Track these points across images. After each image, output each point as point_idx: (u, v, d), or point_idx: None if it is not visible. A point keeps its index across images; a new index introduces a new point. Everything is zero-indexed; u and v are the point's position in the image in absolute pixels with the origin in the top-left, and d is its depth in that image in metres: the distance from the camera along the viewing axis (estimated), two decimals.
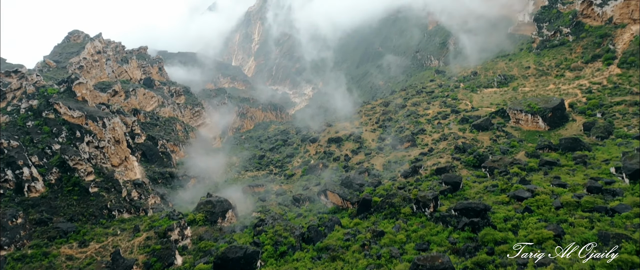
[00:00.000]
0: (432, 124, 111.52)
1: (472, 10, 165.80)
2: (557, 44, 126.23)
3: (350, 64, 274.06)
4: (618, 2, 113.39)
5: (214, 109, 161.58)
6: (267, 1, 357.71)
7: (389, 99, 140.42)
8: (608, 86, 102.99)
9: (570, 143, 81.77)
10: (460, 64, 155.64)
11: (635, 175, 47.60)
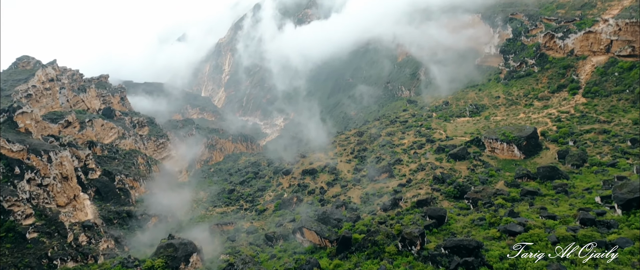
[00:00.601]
0: (409, 153, 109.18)
1: (440, 42, 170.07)
2: (524, 74, 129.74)
3: (322, 94, 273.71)
4: (578, 35, 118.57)
5: (181, 140, 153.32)
6: (238, 33, 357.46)
7: (363, 129, 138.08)
8: (576, 115, 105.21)
9: (548, 172, 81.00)
10: (432, 94, 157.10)
11: (627, 206, 45.50)
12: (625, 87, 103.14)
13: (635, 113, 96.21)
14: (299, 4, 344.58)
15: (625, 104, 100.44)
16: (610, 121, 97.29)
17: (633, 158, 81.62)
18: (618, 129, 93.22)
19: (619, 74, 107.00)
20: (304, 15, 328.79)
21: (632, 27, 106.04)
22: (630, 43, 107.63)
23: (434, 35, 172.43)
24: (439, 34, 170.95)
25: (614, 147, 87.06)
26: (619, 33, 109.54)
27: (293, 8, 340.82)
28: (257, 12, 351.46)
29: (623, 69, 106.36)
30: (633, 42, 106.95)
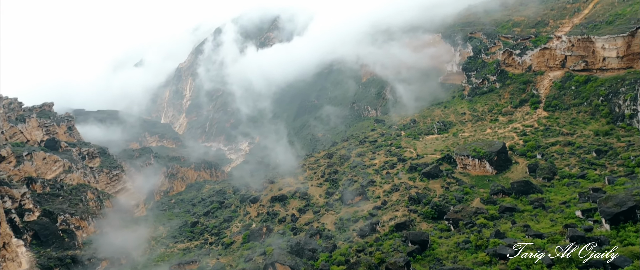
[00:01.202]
0: (381, 174, 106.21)
1: (403, 61, 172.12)
2: (486, 90, 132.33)
3: (288, 116, 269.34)
4: (534, 51, 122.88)
5: (138, 171, 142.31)
6: (199, 57, 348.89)
7: (332, 151, 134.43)
8: (540, 128, 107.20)
9: (522, 186, 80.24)
10: (398, 113, 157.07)
11: (615, 220, 43.72)
12: (583, 99, 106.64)
13: (595, 124, 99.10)
14: (261, 27, 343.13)
15: (584, 116, 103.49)
16: (572, 133, 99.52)
17: (600, 169, 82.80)
18: (581, 141, 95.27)
19: (575, 87, 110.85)
20: (266, 38, 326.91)
21: (584, 43, 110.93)
22: (583, 58, 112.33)
23: (397, 54, 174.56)
24: (401, 53, 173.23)
25: (581, 159, 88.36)
26: (572, 49, 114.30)
27: (255, 32, 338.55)
28: (217, 36, 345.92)
29: (579, 83, 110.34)
30: (586, 57, 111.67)
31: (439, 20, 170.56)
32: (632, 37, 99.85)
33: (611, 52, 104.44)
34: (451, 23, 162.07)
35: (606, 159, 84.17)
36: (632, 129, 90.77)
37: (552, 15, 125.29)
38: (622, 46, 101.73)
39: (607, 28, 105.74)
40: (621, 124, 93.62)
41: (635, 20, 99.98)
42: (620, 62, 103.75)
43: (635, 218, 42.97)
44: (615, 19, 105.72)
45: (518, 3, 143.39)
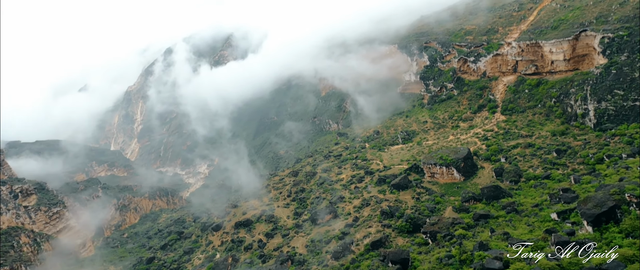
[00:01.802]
0: (349, 189, 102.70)
1: (361, 73, 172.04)
2: (445, 98, 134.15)
3: (248, 135, 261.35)
4: (488, 58, 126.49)
5: (83, 205, 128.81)
6: (149, 78, 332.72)
7: (297, 168, 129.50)
8: (500, 132, 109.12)
9: (492, 191, 79.92)
10: (361, 125, 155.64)
11: (597, 222, 42.45)
12: (536, 102, 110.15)
13: (551, 125, 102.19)
14: (214, 46, 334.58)
15: (540, 118, 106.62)
16: (531, 135, 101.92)
17: (562, 168, 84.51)
18: (540, 142, 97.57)
19: (528, 90, 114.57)
20: (220, 56, 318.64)
21: (533, 48, 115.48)
22: (533, 62, 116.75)
23: (355, 66, 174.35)
24: (359, 65, 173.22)
25: (542, 160, 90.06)
26: (522, 54, 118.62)
27: (207, 50, 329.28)
28: (168, 56, 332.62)
29: (531, 86, 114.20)
30: (535, 61, 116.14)
31: (393, 32, 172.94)
32: (576, 40, 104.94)
33: (558, 56, 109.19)
34: (405, 34, 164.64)
35: (566, 158, 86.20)
36: (585, 127, 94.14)
37: (500, 23, 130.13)
38: (568, 49, 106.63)
39: (553, 33, 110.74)
40: (575, 124, 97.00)
41: (577, 24, 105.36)
42: (567, 65, 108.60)
43: (616, 218, 42.02)
44: (559, 24, 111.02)
45: (468, 12, 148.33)
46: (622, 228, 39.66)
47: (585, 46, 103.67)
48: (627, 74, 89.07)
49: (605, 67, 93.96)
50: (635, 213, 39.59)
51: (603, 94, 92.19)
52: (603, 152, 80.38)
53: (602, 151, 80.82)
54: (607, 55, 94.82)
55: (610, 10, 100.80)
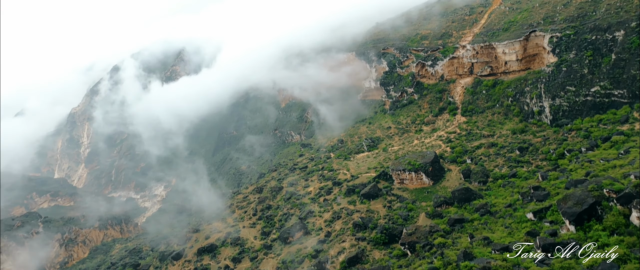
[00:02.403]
0: (318, 202, 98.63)
1: (321, 82, 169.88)
2: (406, 103, 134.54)
3: (207, 152, 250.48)
4: (444, 61, 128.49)
5: (20, 244, 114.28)
6: (94, 99, 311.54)
7: (261, 184, 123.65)
8: (462, 134, 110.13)
9: (462, 194, 79.10)
10: (324, 134, 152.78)
11: (580, 220, 41.33)
12: (494, 102, 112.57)
13: (510, 124, 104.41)
14: (165, 62, 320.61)
15: (499, 117, 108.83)
16: (493, 134, 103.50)
17: (526, 165, 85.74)
18: (502, 141, 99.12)
19: (486, 91, 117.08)
20: (172, 72, 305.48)
21: (487, 50, 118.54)
22: (487, 63, 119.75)
23: (314, 76, 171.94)
24: (318, 74, 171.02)
25: (507, 158, 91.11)
26: (477, 56, 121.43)
27: (158, 66, 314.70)
28: (115, 74, 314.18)
29: (488, 87, 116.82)
30: (490, 63, 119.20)
31: (350, 40, 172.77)
32: (526, 41, 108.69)
33: (511, 56, 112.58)
34: (362, 41, 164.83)
35: (529, 156, 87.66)
36: (542, 124, 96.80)
37: (454, 27, 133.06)
38: (520, 50, 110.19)
39: (505, 34, 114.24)
40: (532, 121, 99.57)
41: (527, 25, 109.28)
42: (520, 65, 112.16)
43: (597, 215, 41.15)
44: (509, 26, 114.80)
45: (421, 18, 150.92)
46: (606, 225, 38.77)
47: (535, 46, 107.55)
48: (577, 71, 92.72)
49: (556, 65, 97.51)
50: (616, 209, 38.83)
51: (556, 90, 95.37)
52: (563, 147, 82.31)
53: (562, 146, 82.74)
54: (557, 53, 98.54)
55: (555, 11, 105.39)
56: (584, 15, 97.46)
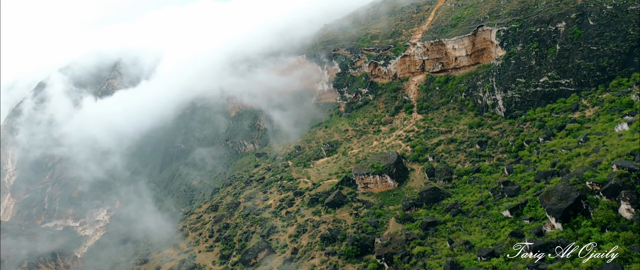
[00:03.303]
0: (280, 216, 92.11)
1: (271, 87, 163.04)
2: (361, 104, 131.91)
3: (152, 169, 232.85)
4: (396, 60, 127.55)
5: None
6: (16, 120, 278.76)
7: (215, 200, 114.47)
8: (420, 131, 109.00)
9: (430, 194, 76.77)
10: (279, 142, 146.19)
11: (566, 216, 39.03)
12: (448, 98, 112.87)
13: (465, 118, 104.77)
14: (98, 75, 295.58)
15: (454, 113, 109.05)
16: (450, 130, 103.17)
17: (488, 159, 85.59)
18: (460, 136, 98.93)
19: (439, 88, 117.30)
20: (108, 86, 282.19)
21: (437, 46, 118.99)
22: (438, 60, 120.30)
23: (264, 81, 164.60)
24: (268, 79, 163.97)
25: (467, 153, 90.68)
26: (427, 53, 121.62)
27: (91, 80, 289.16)
28: (40, 91, 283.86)
29: (441, 83, 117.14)
30: (441, 59, 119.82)
31: (298, 43, 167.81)
32: (474, 36, 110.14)
33: (461, 52, 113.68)
34: (311, 44, 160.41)
35: (489, 149, 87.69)
36: (497, 116, 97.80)
37: (403, 26, 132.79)
38: (469, 45, 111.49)
39: (453, 30, 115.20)
40: (487, 114, 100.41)
41: (474, 21, 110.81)
42: (469, 60, 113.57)
43: (583, 210, 39.14)
44: (457, 22, 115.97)
45: (369, 18, 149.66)
46: (595, 220, 36.77)
47: (483, 40, 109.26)
48: (525, 63, 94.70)
49: (505, 58, 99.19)
50: (603, 202, 36.95)
51: (507, 83, 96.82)
52: (521, 138, 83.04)
53: (519, 137, 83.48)
54: (504, 46, 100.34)
55: (500, 6, 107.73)
56: (527, 9, 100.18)
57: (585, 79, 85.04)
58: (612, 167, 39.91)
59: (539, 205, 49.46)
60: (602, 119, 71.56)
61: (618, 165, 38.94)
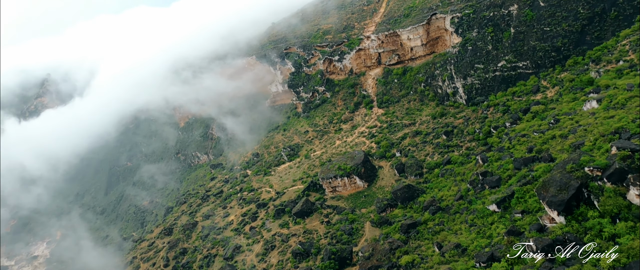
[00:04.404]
0: (244, 233, 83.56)
1: (221, 93, 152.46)
2: (319, 102, 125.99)
3: (97, 192, 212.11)
4: (351, 54, 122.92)
5: None
6: None
7: (169, 222, 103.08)
8: (383, 126, 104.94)
9: (405, 193, 72.08)
10: (235, 150, 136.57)
11: (569, 208, 34.97)
12: (408, 89, 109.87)
13: (427, 109, 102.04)
14: (23, 95, 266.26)
15: (416, 104, 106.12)
16: (414, 122, 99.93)
17: (457, 149, 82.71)
18: (425, 127, 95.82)
19: (397, 80, 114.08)
20: (37, 105, 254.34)
21: (391, 38, 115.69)
22: (394, 52, 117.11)
23: (212, 87, 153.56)
24: (216, 84, 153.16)
25: (435, 145, 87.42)
26: (382, 45, 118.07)
27: (15, 101, 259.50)
28: None
29: (399, 75, 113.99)
30: (396, 51, 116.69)
31: (245, 44, 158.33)
32: (428, 24, 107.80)
33: (416, 42, 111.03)
34: (258, 44, 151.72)
35: (457, 139, 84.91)
36: (459, 104, 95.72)
37: (355, 19, 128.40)
38: (423, 34, 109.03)
39: (407, 20, 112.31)
40: (449, 103, 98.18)
41: (426, 9, 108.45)
42: (425, 49, 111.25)
43: (585, 199, 35.35)
44: (410, 12, 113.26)
45: (319, 14, 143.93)
46: (603, 210, 33.05)
47: (438, 29, 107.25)
48: (482, 48, 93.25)
49: (461, 44, 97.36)
50: (609, 189, 33.27)
51: (466, 70, 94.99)
52: (487, 124, 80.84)
53: (485, 124, 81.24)
54: (460, 33, 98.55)
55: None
56: None
57: (541, 60, 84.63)
58: (611, 149, 36.55)
59: (528, 196, 45.91)
60: (565, 99, 70.61)
61: (618, 146, 35.57)
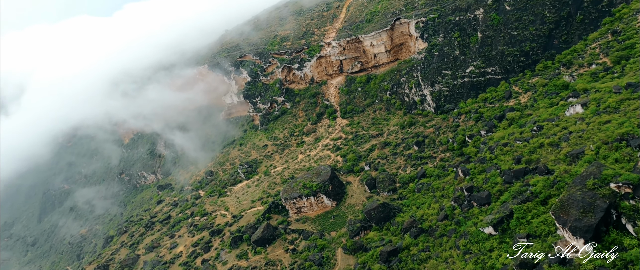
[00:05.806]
0: (195, 267, 71.42)
1: (168, 106, 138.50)
2: (279, 114, 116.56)
3: (29, 220, 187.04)
4: (312, 62, 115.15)
5: None
6: None
7: (105, 257, 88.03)
8: (349, 137, 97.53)
9: (380, 212, 64.27)
10: (185, 168, 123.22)
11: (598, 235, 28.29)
12: (373, 98, 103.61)
13: (394, 118, 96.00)
14: None
15: (382, 113, 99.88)
16: (381, 133, 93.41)
17: (431, 160, 76.61)
18: (393, 138, 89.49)
19: (361, 88, 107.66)
20: None
21: (354, 44, 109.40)
22: (357, 59, 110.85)
23: (158, 100, 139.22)
24: (163, 97, 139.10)
25: (406, 157, 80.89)
26: (344, 52, 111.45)
27: None
28: None
29: (363, 83, 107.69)
30: (359, 58, 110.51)
31: (192, 54, 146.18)
32: (392, 30, 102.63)
33: (380, 48, 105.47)
34: (208, 53, 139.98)
35: (429, 149, 78.97)
36: (428, 112, 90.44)
37: (314, 25, 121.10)
38: (387, 40, 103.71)
39: (369, 26, 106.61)
40: (417, 111, 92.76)
41: (390, 14, 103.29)
42: (389, 56, 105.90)
43: (613, 222, 28.84)
44: (372, 17, 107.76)
45: (275, 20, 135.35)
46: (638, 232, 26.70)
47: (402, 34, 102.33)
48: (449, 54, 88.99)
49: (427, 50, 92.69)
50: None
51: (433, 76, 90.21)
52: (460, 133, 75.67)
53: (459, 132, 76.03)
54: (425, 39, 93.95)
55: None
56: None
57: (510, 65, 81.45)
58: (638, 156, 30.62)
59: (530, 216, 39.38)
60: (541, 104, 66.80)
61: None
